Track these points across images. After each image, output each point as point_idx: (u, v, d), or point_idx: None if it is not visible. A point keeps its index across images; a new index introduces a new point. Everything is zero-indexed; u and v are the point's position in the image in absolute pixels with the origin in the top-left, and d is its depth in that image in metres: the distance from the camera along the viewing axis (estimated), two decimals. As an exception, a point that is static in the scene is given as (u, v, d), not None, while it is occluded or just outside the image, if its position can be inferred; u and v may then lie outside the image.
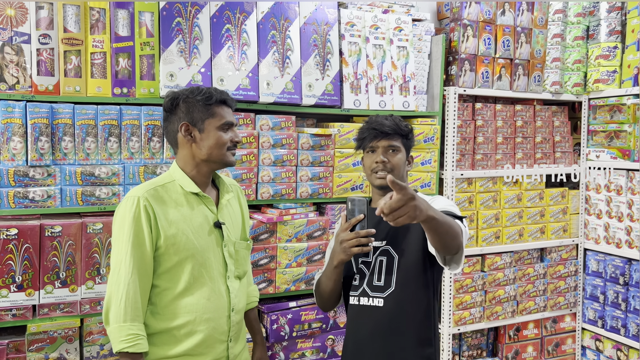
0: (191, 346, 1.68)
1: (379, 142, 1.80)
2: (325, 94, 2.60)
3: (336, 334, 2.65)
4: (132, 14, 2.23)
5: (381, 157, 1.78)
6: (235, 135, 1.76)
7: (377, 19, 2.76)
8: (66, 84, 2.13)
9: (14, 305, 2.04)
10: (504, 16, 3.07)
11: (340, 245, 1.69)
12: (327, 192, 2.61)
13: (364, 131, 1.84)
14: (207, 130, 1.71)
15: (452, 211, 1.71)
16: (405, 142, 1.84)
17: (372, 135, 1.80)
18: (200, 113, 1.71)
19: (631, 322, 3.08)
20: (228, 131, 1.74)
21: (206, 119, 1.71)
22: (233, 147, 1.76)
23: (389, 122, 1.80)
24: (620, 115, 3.18)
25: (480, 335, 3.26)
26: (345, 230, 1.69)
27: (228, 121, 1.74)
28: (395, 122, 1.81)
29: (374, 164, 1.80)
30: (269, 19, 2.50)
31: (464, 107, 3.02)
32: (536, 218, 3.26)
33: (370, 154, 1.83)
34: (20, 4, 2.06)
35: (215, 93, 1.73)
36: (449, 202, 1.80)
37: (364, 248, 1.67)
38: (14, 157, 2.04)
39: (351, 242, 1.66)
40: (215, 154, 1.72)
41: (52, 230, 2.07)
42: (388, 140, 1.80)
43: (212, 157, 1.73)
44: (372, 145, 1.81)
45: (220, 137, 1.72)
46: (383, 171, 1.78)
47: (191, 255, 1.68)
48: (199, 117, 1.71)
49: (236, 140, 1.76)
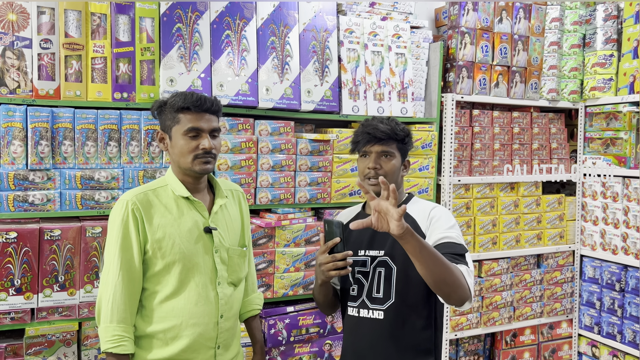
0: (177, 351, 1.68)
1: (372, 147, 1.74)
2: (324, 100, 2.62)
3: (333, 339, 2.65)
4: (133, 19, 2.25)
5: (373, 164, 1.73)
6: (205, 142, 1.66)
7: (376, 25, 2.79)
8: (67, 89, 2.15)
9: (12, 308, 2.04)
10: (501, 24, 3.09)
11: (319, 268, 1.69)
12: (326, 198, 2.62)
13: (358, 134, 1.79)
14: (174, 138, 1.69)
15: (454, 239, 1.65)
16: (401, 147, 1.79)
17: (365, 140, 1.75)
18: (169, 120, 1.70)
19: (627, 328, 3.09)
20: (197, 138, 1.67)
21: (173, 126, 1.69)
22: (203, 155, 1.67)
23: (383, 127, 1.74)
24: (617, 122, 3.21)
25: (477, 341, 3.27)
26: (323, 252, 1.68)
27: (192, 127, 1.66)
28: (391, 126, 1.75)
29: (367, 169, 1.75)
30: (268, 26, 2.52)
31: (461, 114, 3.04)
32: (533, 224, 3.28)
33: (363, 158, 1.78)
34: (22, 9, 2.08)
35: (183, 99, 1.67)
36: (449, 222, 1.71)
37: (341, 271, 1.65)
38: (14, 160, 2.05)
39: (328, 266, 1.65)
40: (181, 162, 1.69)
41: (51, 233, 2.08)
42: (381, 146, 1.74)
43: (181, 165, 1.70)
44: (365, 149, 1.76)
45: (183, 145, 1.66)
46: (375, 177, 1.73)
47: (178, 259, 1.68)
48: (169, 124, 1.70)
49: (204, 148, 1.66)
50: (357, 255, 1.79)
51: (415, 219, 1.75)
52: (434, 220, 1.72)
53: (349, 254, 1.66)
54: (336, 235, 1.67)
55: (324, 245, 1.69)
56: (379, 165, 1.74)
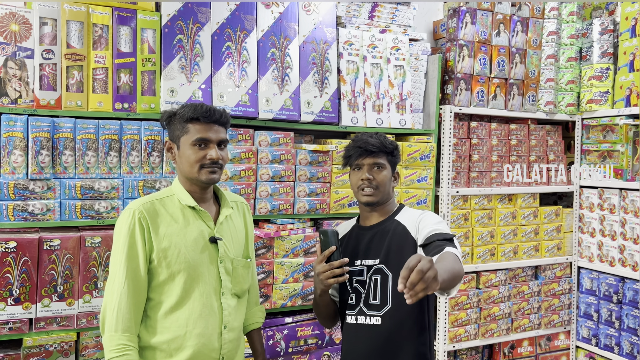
0: None
1: (364, 160, 1.83)
2: (324, 111, 2.64)
3: (332, 350, 2.65)
4: (135, 30, 2.27)
5: (366, 175, 1.82)
6: (212, 152, 1.69)
7: (375, 38, 2.81)
8: (68, 99, 2.16)
9: (10, 318, 2.03)
10: (499, 37, 3.12)
11: (318, 277, 1.76)
12: (325, 208, 2.63)
13: (349, 149, 1.87)
14: (182, 148, 1.72)
15: (442, 230, 1.72)
16: (391, 159, 1.88)
17: (357, 153, 1.84)
18: (178, 130, 1.73)
19: (625, 340, 3.09)
20: (204, 148, 1.70)
21: (181, 136, 1.72)
22: (210, 165, 1.70)
23: (373, 140, 1.84)
24: (613, 135, 3.23)
25: (475, 353, 3.27)
26: (320, 262, 1.75)
27: (201, 137, 1.69)
28: (380, 140, 1.85)
29: (360, 181, 1.84)
30: (269, 37, 2.54)
31: (459, 126, 3.06)
32: (530, 236, 3.29)
33: (356, 171, 1.86)
34: (24, 20, 2.09)
35: (193, 109, 1.70)
36: (437, 219, 1.81)
37: (339, 279, 1.73)
38: (15, 170, 2.06)
39: (326, 274, 1.73)
40: (188, 171, 1.71)
41: (50, 243, 2.08)
42: (373, 158, 1.83)
43: (188, 175, 1.72)
44: (357, 162, 1.85)
45: (191, 155, 1.69)
46: (369, 188, 1.82)
47: (183, 269, 1.68)
48: (177, 134, 1.73)
49: (211, 158, 1.69)
50: (353, 266, 1.85)
51: (405, 226, 1.83)
52: (422, 222, 1.80)
53: (345, 261, 1.74)
54: (332, 244, 1.74)
55: (321, 255, 1.76)
56: (372, 176, 1.83)
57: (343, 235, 1.95)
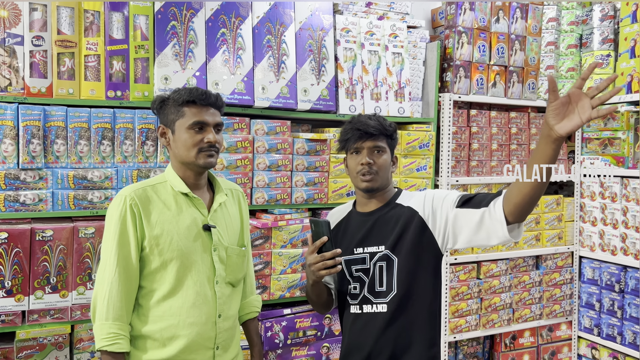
0: (175, 352, 1.64)
1: (364, 143, 1.73)
2: (321, 99, 2.59)
3: (331, 341, 2.61)
4: (127, 16, 2.22)
5: (367, 159, 1.72)
6: (210, 135, 1.66)
7: (372, 25, 2.77)
8: (59, 87, 2.11)
9: (2, 311, 1.99)
10: (498, 24, 3.08)
11: (309, 268, 1.67)
12: (323, 198, 2.59)
13: (347, 131, 1.76)
14: (177, 132, 1.67)
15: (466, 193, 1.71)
16: (390, 142, 1.79)
17: (356, 136, 1.74)
18: (172, 114, 1.68)
19: (627, 329, 3.06)
20: (201, 132, 1.66)
21: (177, 120, 1.67)
22: (208, 149, 1.67)
23: (373, 122, 1.74)
24: (614, 122, 3.20)
25: (476, 344, 3.24)
26: (311, 252, 1.66)
27: (197, 120, 1.65)
28: (380, 122, 1.75)
29: (359, 165, 1.73)
30: (264, 24, 2.49)
31: (458, 114, 3.02)
32: (531, 225, 3.25)
33: (354, 155, 1.76)
34: (13, 6, 2.04)
35: (188, 92, 1.66)
36: (445, 190, 1.78)
37: (331, 270, 1.64)
38: (5, 159, 2.01)
39: (317, 265, 1.64)
40: (185, 155, 1.67)
41: (42, 234, 2.03)
42: (373, 141, 1.73)
43: (184, 159, 1.68)
44: (356, 146, 1.74)
45: (188, 138, 1.65)
46: (369, 174, 1.73)
47: (176, 257, 1.65)
48: (172, 118, 1.68)
49: (209, 141, 1.66)
50: (353, 254, 1.78)
51: (411, 206, 1.76)
52: (435, 197, 1.74)
53: (337, 252, 1.65)
54: (323, 235, 1.65)
55: (312, 245, 1.67)
56: (373, 160, 1.73)
57: (340, 220, 1.86)
